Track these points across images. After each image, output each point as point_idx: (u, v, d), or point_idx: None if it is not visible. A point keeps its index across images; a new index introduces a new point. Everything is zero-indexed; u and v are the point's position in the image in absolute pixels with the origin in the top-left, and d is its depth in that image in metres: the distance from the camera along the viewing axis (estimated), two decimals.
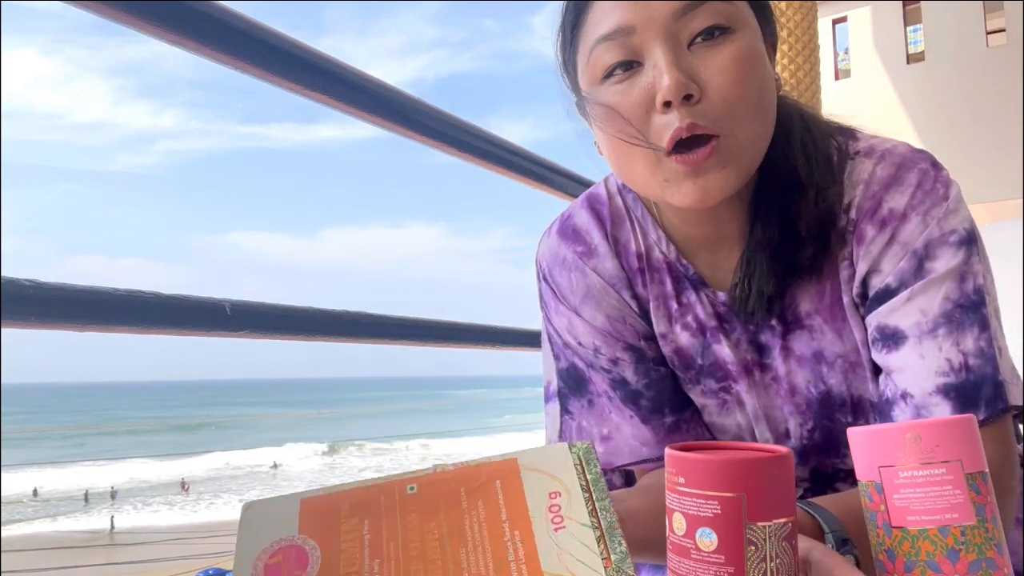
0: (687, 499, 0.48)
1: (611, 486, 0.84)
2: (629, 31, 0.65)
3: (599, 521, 0.50)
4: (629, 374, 0.80)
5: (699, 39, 0.64)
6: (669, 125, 0.64)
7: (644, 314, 0.80)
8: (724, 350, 0.77)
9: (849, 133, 0.76)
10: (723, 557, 0.47)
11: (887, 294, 0.69)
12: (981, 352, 0.66)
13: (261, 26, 0.96)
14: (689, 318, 0.78)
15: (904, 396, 0.68)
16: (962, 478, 0.48)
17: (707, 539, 0.47)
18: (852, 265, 0.72)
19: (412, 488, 0.52)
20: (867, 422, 0.74)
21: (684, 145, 0.64)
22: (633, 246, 0.80)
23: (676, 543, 0.49)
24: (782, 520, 0.47)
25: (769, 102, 0.68)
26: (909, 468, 0.49)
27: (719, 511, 0.47)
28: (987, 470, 0.49)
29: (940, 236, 0.68)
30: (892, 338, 0.68)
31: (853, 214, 0.71)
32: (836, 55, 4.06)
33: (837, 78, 4.03)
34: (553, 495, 0.51)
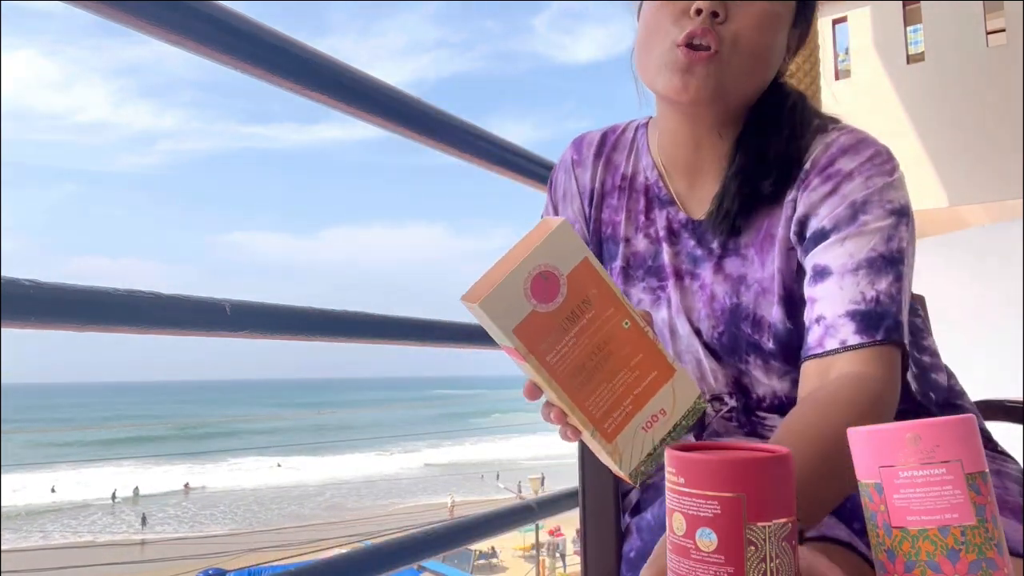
0: (687, 499, 0.48)
1: None
2: None
3: (662, 448, 0.65)
4: None
5: None
6: (692, 24, 0.78)
7: (594, 222, 0.95)
8: (664, 257, 0.91)
9: (834, 119, 0.88)
10: (723, 557, 0.47)
11: (822, 235, 0.81)
12: (891, 296, 0.77)
13: (261, 26, 0.96)
14: (651, 230, 0.93)
15: (819, 319, 0.79)
16: (962, 478, 0.48)
17: (707, 539, 0.47)
18: (794, 207, 0.84)
19: (626, 324, 0.65)
20: (765, 338, 0.86)
21: (692, 47, 0.78)
22: (622, 169, 0.96)
23: (676, 543, 0.49)
24: (782, 520, 0.47)
25: (767, 62, 0.83)
26: (909, 468, 0.49)
27: (719, 511, 0.47)
28: (987, 470, 0.49)
29: (879, 199, 0.80)
30: (821, 274, 0.80)
31: (808, 165, 0.84)
32: (836, 55, 4.06)
33: (837, 78, 4.03)
34: (662, 412, 0.66)
